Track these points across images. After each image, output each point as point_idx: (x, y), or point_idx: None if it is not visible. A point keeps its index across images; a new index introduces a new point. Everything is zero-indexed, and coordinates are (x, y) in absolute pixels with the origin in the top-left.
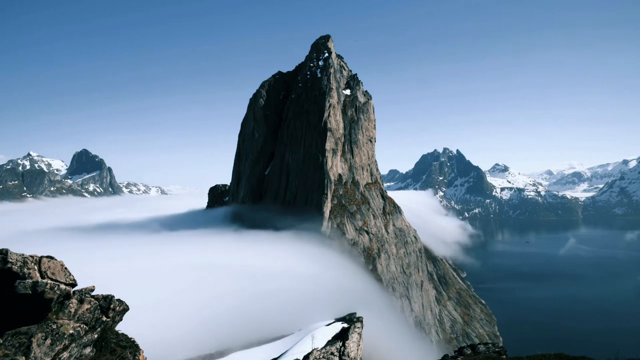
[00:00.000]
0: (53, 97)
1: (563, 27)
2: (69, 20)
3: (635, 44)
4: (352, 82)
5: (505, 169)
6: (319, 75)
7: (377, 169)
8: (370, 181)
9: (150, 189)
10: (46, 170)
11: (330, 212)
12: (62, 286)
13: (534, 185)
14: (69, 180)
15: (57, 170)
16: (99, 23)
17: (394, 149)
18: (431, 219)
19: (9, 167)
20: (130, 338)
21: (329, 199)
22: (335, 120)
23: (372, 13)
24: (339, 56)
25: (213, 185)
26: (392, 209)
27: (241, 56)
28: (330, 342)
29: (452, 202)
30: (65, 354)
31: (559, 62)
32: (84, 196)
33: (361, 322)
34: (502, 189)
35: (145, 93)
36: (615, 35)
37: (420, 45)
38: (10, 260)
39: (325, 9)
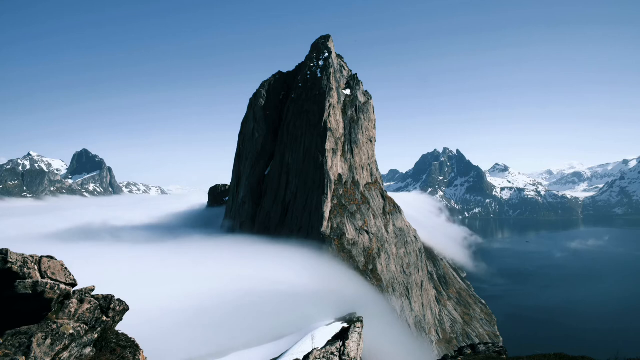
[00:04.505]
0: (52, 95)
1: (563, 23)
2: (65, 14)
3: (636, 42)
4: (352, 81)
5: (505, 169)
6: (319, 75)
7: (377, 169)
8: (370, 181)
9: (150, 188)
10: (46, 170)
11: (330, 212)
12: (62, 286)
13: (534, 185)
14: (69, 180)
15: (57, 170)
16: (97, 17)
17: (394, 148)
18: (431, 219)
19: (9, 167)
20: (130, 338)
21: (329, 199)
22: (335, 120)
23: (370, 7)
24: (339, 56)
25: (213, 185)
26: (392, 209)
27: (240, 56)
28: (330, 342)
29: (452, 201)
30: (66, 354)
31: (559, 60)
32: (84, 196)
33: (361, 322)
34: (502, 189)
35: (146, 94)
36: (616, 34)
37: (418, 41)
38: (10, 260)
39: (325, 4)
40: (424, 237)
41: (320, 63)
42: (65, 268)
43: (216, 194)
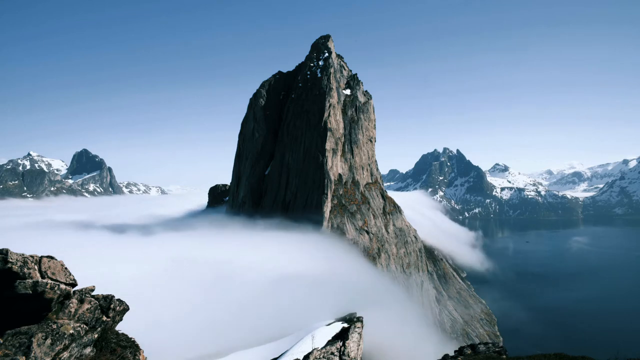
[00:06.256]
0: (52, 95)
1: (563, 24)
2: (65, 14)
3: (636, 42)
4: (352, 81)
5: (505, 169)
6: (319, 75)
7: (377, 169)
8: (370, 181)
9: (150, 188)
10: (46, 170)
11: (330, 212)
12: (62, 286)
13: (534, 185)
14: (69, 180)
15: (57, 170)
16: (97, 17)
17: (394, 148)
18: (431, 219)
19: (9, 167)
20: (130, 338)
21: (329, 199)
22: (335, 120)
23: (370, 7)
24: (339, 56)
25: (213, 185)
26: (392, 209)
27: (240, 56)
28: (330, 342)
29: (452, 201)
30: (66, 354)
31: (559, 60)
32: (84, 196)
33: (361, 322)
34: (502, 189)
35: (146, 94)
36: (615, 33)
37: (420, 42)
38: (10, 260)
39: (325, 4)
40: (424, 237)
41: (320, 63)
42: (65, 268)
43: (216, 194)
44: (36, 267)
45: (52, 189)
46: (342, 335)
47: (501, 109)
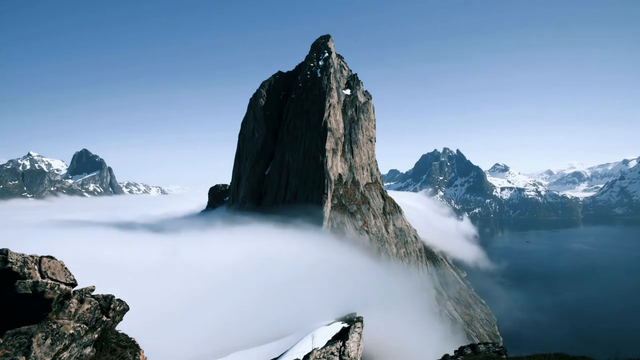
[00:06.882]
0: (52, 95)
1: (564, 24)
2: (65, 14)
3: (636, 42)
4: (352, 81)
5: (505, 169)
6: (319, 75)
7: (377, 169)
8: (370, 181)
9: (150, 188)
10: (46, 170)
11: (330, 212)
12: (63, 286)
13: (534, 185)
14: (69, 180)
15: (57, 170)
16: (97, 17)
17: (394, 148)
18: (431, 219)
19: (9, 167)
20: (131, 338)
21: (329, 199)
22: (335, 120)
23: (370, 8)
24: (339, 56)
25: (213, 185)
26: (392, 209)
27: (240, 56)
28: (330, 342)
29: (452, 201)
30: (66, 354)
31: (559, 60)
32: (84, 196)
33: (361, 322)
34: (502, 189)
35: (146, 94)
36: (615, 34)
37: (420, 42)
38: (10, 260)
39: (326, 4)
40: (424, 237)
41: (320, 63)
42: (65, 268)
43: (216, 194)
44: (36, 267)
45: (52, 189)
46: (342, 335)
47: (501, 109)
